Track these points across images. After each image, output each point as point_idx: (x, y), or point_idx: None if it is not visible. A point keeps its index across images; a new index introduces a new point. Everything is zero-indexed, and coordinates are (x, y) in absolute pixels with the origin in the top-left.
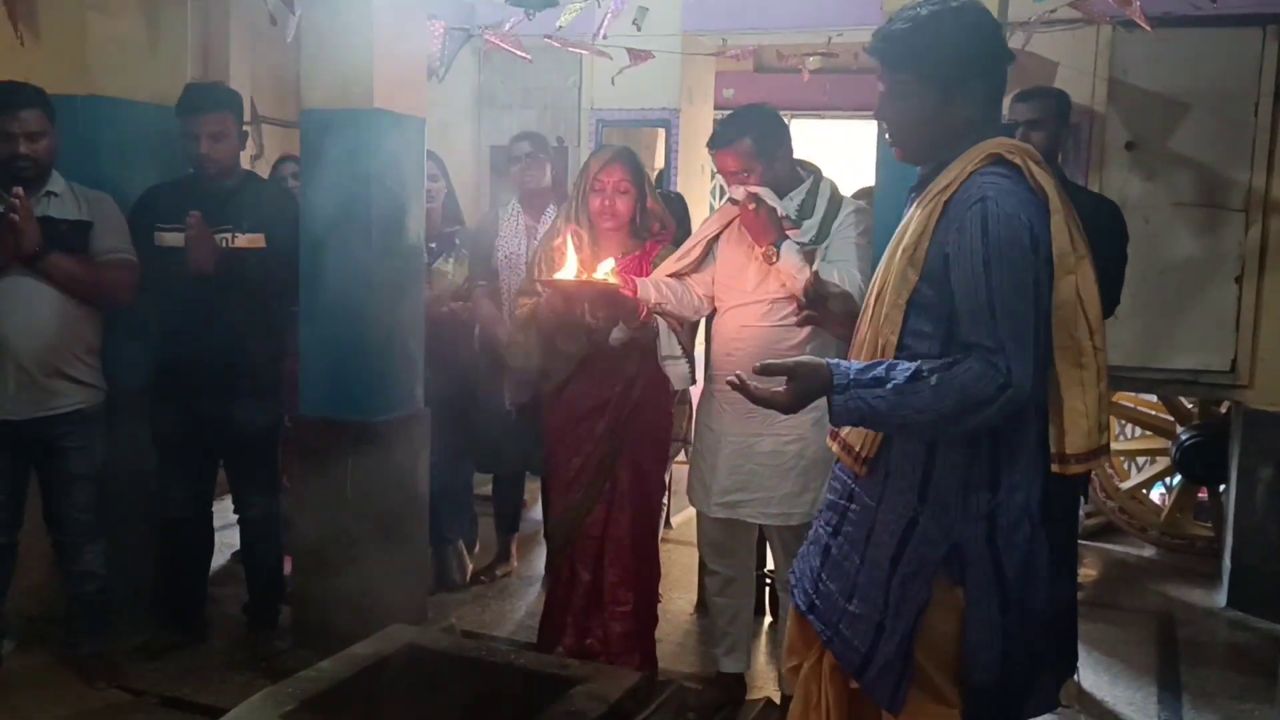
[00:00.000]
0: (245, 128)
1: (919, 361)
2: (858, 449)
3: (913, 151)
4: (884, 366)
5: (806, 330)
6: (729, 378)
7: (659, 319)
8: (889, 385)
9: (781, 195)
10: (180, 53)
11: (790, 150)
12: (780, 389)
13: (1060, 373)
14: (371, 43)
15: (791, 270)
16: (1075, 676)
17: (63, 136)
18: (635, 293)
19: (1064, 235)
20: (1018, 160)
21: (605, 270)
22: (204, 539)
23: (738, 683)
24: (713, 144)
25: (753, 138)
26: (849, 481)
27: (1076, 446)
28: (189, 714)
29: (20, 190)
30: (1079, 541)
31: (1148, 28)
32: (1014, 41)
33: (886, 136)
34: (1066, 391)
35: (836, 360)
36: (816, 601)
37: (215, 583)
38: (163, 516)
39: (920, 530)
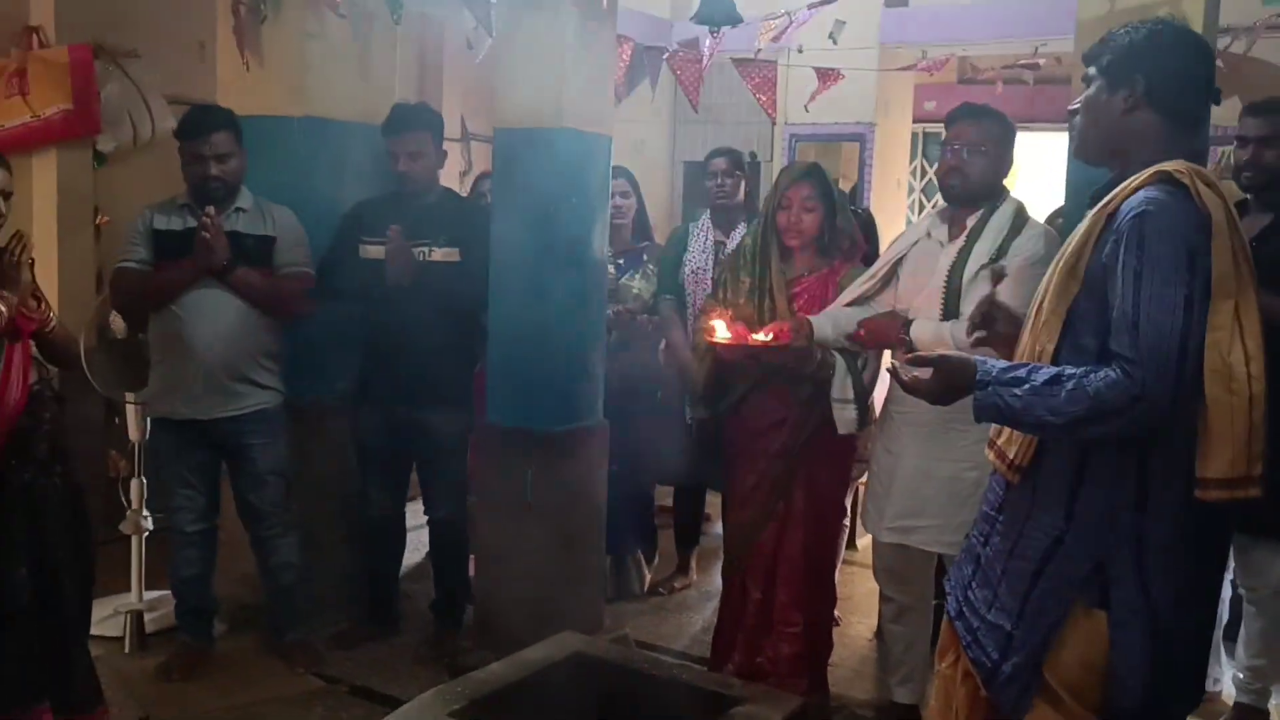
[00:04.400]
0: (455, 145)
1: (1063, 366)
2: (1011, 456)
3: (1082, 145)
4: (1027, 368)
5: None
6: (887, 365)
7: (837, 356)
8: (1027, 385)
9: (980, 203)
10: (389, 75)
11: (1010, 160)
12: (928, 378)
13: (1209, 395)
14: (561, 63)
15: (932, 342)
16: None
17: (280, 155)
18: (809, 336)
19: (1226, 258)
20: (1186, 179)
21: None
22: (398, 537)
23: (911, 714)
24: (955, 117)
25: (989, 127)
26: (1000, 493)
27: (1218, 472)
28: (375, 703)
29: (211, 209)
30: None
31: None
32: (1236, 47)
33: (1074, 132)
34: (1213, 415)
35: (984, 358)
36: (964, 609)
37: (409, 580)
38: (361, 515)
39: (1065, 548)
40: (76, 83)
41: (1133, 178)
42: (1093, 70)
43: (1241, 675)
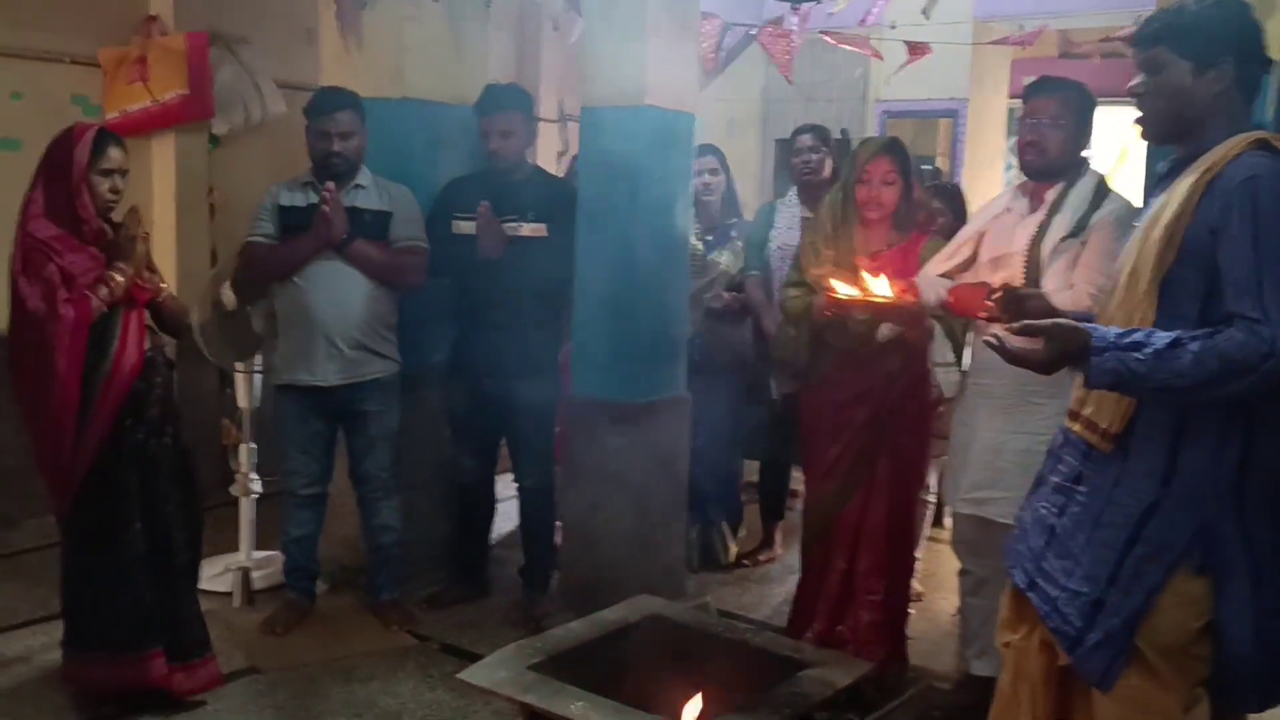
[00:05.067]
0: (551, 126)
1: (1178, 331)
2: (1104, 425)
3: (1157, 127)
4: (1143, 333)
5: None
6: (986, 337)
7: (934, 322)
8: (1148, 349)
9: (1059, 177)
10: (483, 56)
11: (1090, 132)
12: (1038, 347)
13: None
14: (644, 42)
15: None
16: None
17: (379, 134)
18: (917, 297)
19: None
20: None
21: (882, 283)
22: (487, 503)
23: (988, 686)
24: (1033, 90)
25: (1067, 99)
26: (1076, 464)
27: None
28: (464, 660)
29: (332, 185)
30: None
31: None
32: None
33: (1137, 117)
34: None
35: (1094, 324)
36: (1038, 580)
37: (500, 546)
38: (454, 482)
39: (1162, 513)
40: (193, 69)
41: (1224, 146)
42: (1167, 50)
43: None
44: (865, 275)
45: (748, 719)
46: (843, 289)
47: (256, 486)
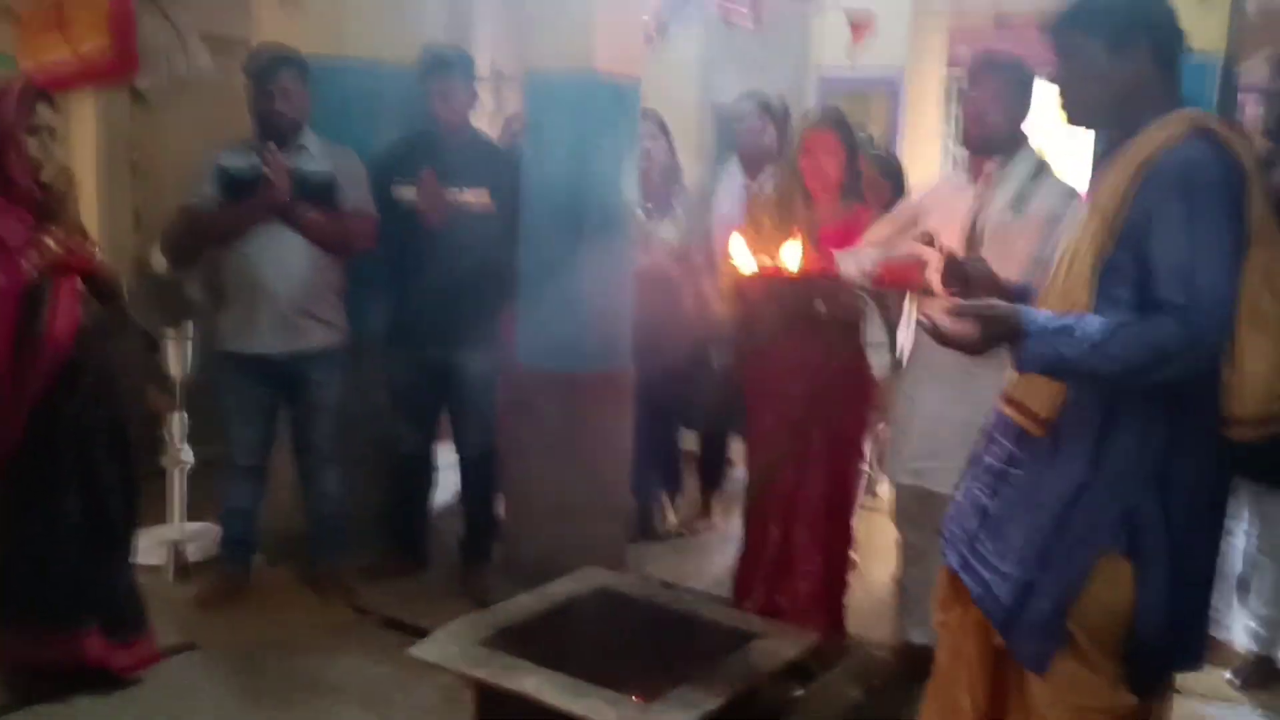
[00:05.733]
0: (484, 85)
1: (1108, 318)
2: (1037, 409)
3: (1080, 111)
4: (1074, 318)
5: None
6: (919, 317)
7: (867, 299)
8: (1079, 335)
9: (999, 151)
10: (425, 18)
11: (1029, 106)
12: (970, 329)
13: (1242, 337)
14: (592, 6)
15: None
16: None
17: (317, 96)
18: (833, 269)
19: (1260, 205)
20: (1221, 134)
21: (791, 251)
22: (427, 474)
23: (926, 655)
24: (976, 67)
25: (1007, 76)
26: (1009, 446)
27: (1248, 411)
28: (406, 634)
29: (273, 145)
30: None
31: None
32: None
33: (1059, 102)
34: (1247, 356)
35: (1028, 308)
36: (971, 561)
37: (439, 517)
38: (393, 452)
39: (1090, 495)
40: (115, 20)
41: (1159, 128)
42: (1080, 34)
43: (1254, 625)
44: (782, 248)
45: (698, 691)
46: (744, 263)
47: (188, 457)
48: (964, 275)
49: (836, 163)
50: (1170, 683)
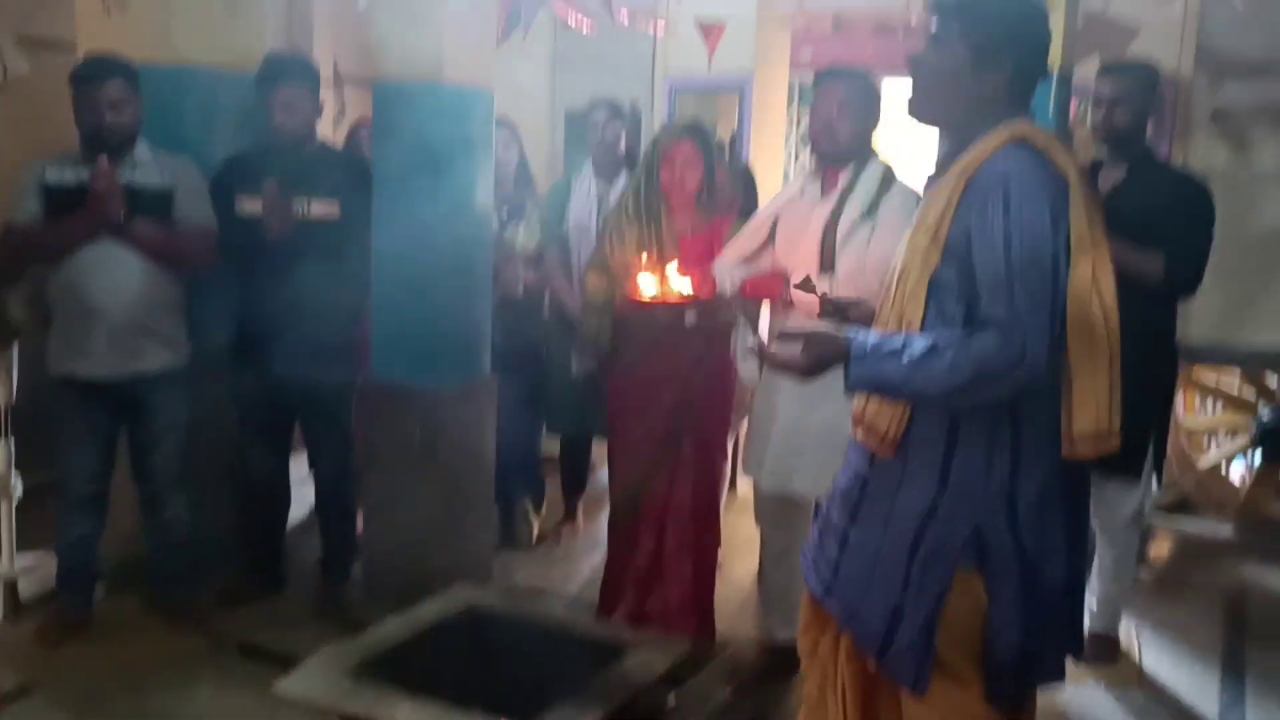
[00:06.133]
0: (327, 90)
1: (937, 334)
2: (884, 430)
3: (927, 106)
4: (901, 338)
5: None
6: (749, 344)
7: (739, 313)
8: (904, 356)
9: (849, 161)
10: (262, 20)
11: (877, 117)
12: (797, 354)
13: (1072, 354)
14: (440, 15)
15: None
16: (1137, 656)
17: (149, 105)
18: (713, 292)
19: (1082, 218)
20: (1040, 143)
21: (687, 285)
22: (282, 494)
23: (790, 652)
24: (822, 78)
25: (855, 87)
26: (862, 469)
27: (1084, 429)
28: (264, 661)
29: (105, 158)
30: (1151, 517)
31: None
32: (1093, 3)
33: (910, 88)
34: (1077, 373)
35: (855, 330)
36: (835, 587)
37: (294, 536)
38: (243, 472)
39: (941, 514)
40: None
41: (984, 141)
42: (956, 30)
43: (1092, 603)
44: (668, 272)
45: (574, 711)
46: (647, 289)
47: (17, 487)
48: (844, 315)
49: (696, 173)
50: (1033, 695)
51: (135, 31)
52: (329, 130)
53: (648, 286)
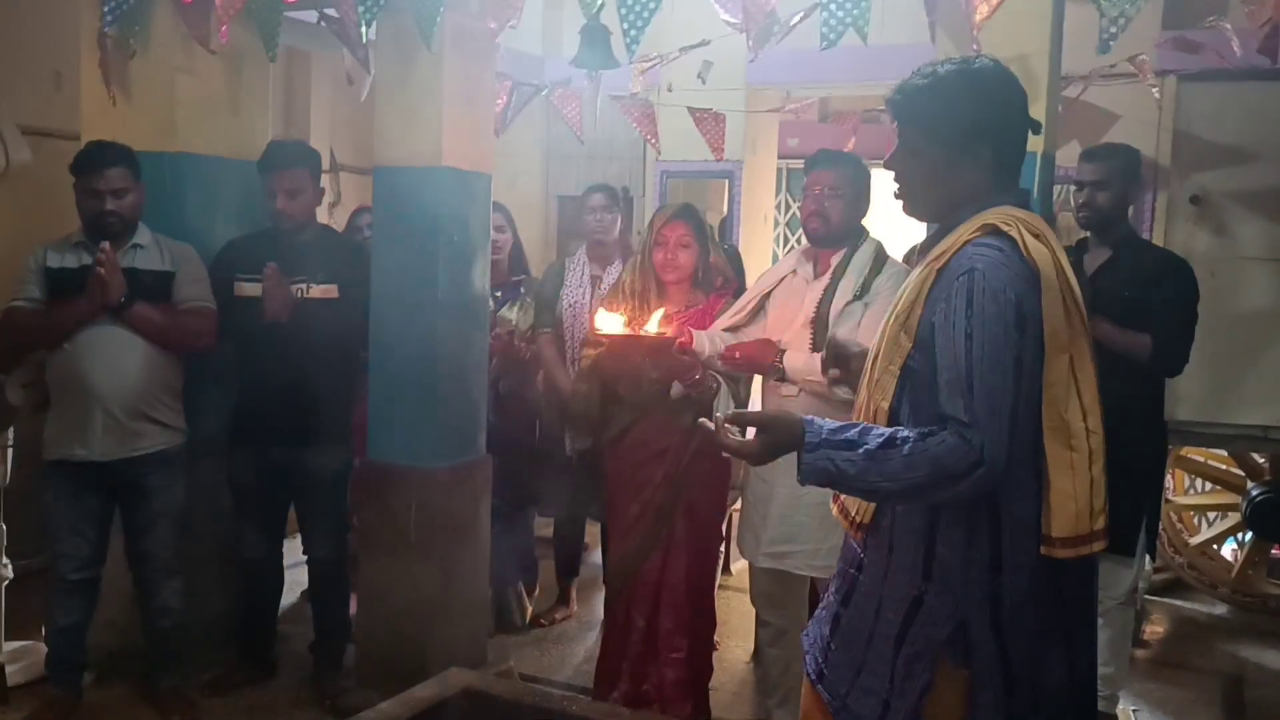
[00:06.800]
0: (324, 177)
1: (896, 428)
2: (854, 514)
3: (917, 207)
4: (858, 429)
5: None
6: (701, 422)
7: (720, 379)
8: (860, 449)
9: (842, 244)
10: (262, 110)
11: (868, 200)
12: (750, 440)
13: (1049, 452)
14: (441, 102)
15: (803, 372)
16: None
17: (151, 190)
18: (690, 343)
19: (1058, 312)
20: (1013, 231)
21: (655, 321)
22: (275, 578)
23: None
24: (814, 163)
25: (846, 172)
26: (859, 551)
27: (1063, 529)
28: None
29: (107, 244)
30: (1146, 596)
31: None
32: (1070, 92)
33: (895, 189)
34: (1054, 472)
35: (812, 417)
36: (826, 670)
37: (285, 621)
38: (236, 556)
39: (925, 609)
40: None
41: (961, 229)
42: (906, 131)
43: None
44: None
45: None
46: (606, 325)
47: (8, 572)
48: (846, 364)
49: (690, 254)
50: None
51: (139, 122)
52: (324, 218)
53: (609, 323)
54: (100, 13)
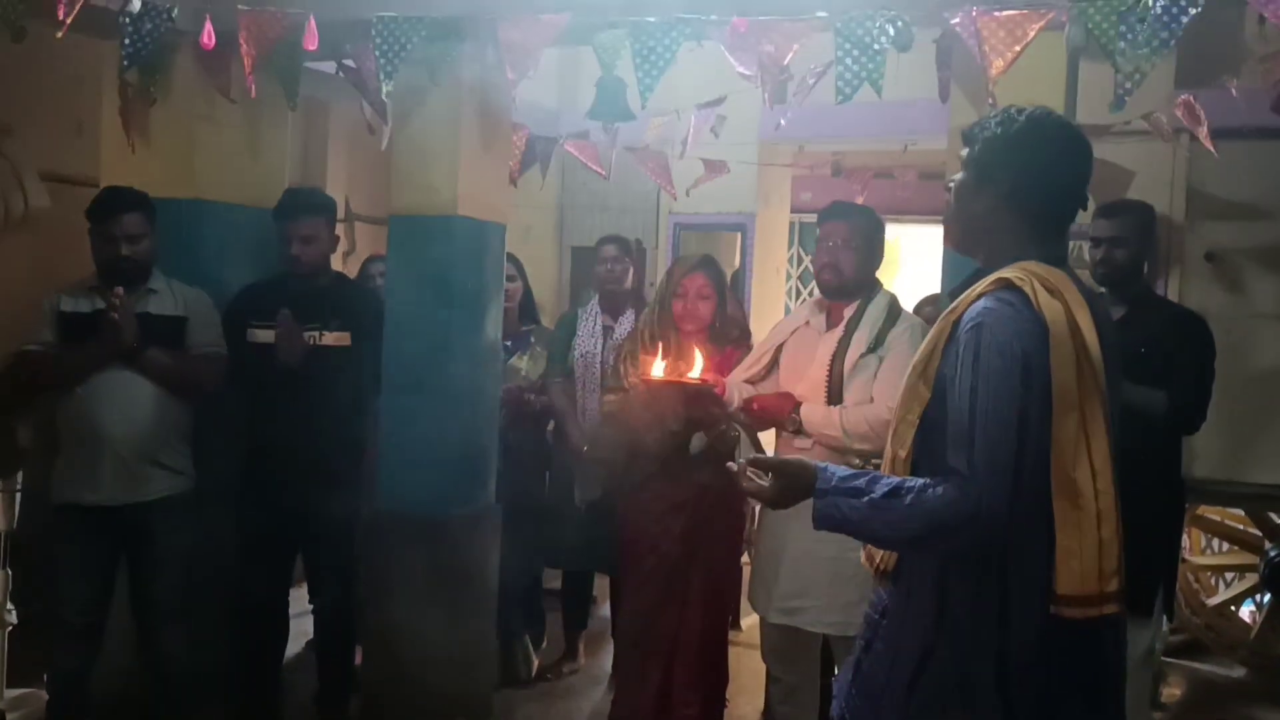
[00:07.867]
0: (339, 226)
1: (904, 478)
2: (878, 560)
3: (954, 238)
4: (868, 478)
5: None
6: (729, 464)
7: (739, 430)
8: (866, 498)
9: (855, 296)
10: (280, 159)
11: (881, 253)
12: (766, 484)
13: (1056, 509)
14: (457, 152)
15: (820, 425)
16: None
17: (169, 237)
18: (724, 392)
19: (1068, 369)
20: (1026, 286)
21: (698, 368)
22: (280, 627)
23: None
24: (827, 215)
25: (859, 224)
26: (884, 597)
27: (1068, 588)
28: None
29: (120, 290)
30: (1164, 659)
31: (1213, 151)
32: None
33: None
34: (1060, 530)
35: (826, 464)
36: (848, 716)
37: (289, 670)
38: (241, 603)
39: (936, 659)
40: None
41: (980, 283)
42: (966, 154)
43: None
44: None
45: None
46: (652, 369)
47: (12, 618)
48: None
49: (709, 305)
50: None
51: (158, 169)
52: (338, 266)
53: (658, 368)
54: (119, 58)
